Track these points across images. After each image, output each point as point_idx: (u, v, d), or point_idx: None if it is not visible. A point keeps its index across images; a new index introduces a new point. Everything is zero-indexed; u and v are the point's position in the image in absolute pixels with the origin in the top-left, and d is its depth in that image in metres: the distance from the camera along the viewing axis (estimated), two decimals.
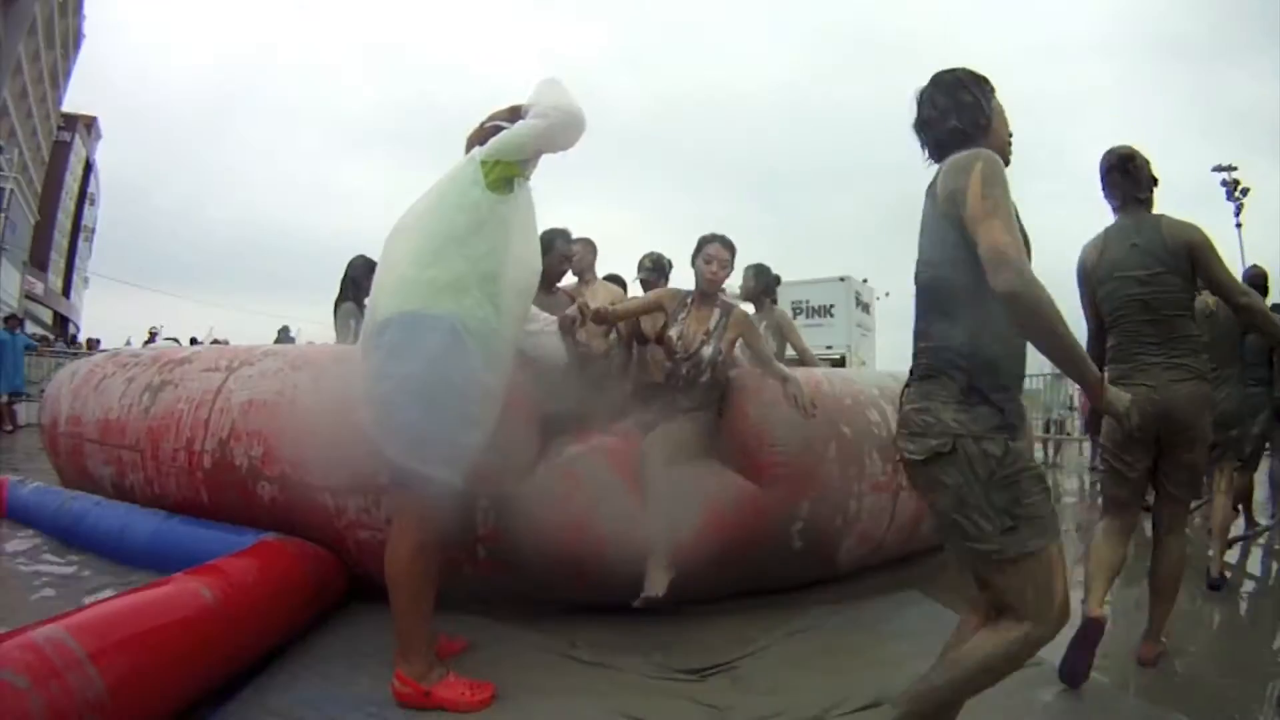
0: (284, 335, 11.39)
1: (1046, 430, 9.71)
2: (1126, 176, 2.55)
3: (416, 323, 2.08)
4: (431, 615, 2.13)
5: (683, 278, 3.65)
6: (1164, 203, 2.55)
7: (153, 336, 14.39)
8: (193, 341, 12.51)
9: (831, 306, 15.58)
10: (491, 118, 2.38)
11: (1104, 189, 2.61)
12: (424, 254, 2.14)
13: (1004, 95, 1.70)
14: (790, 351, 4.54)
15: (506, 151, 2.24)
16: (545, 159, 2.39)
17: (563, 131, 2.30)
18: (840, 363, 13.25)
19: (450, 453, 2.06)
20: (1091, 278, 2.59)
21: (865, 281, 16.60)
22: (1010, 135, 1.73)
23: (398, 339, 2.08)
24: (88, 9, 38.36)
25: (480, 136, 2.36)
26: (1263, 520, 5.10)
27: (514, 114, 2.36)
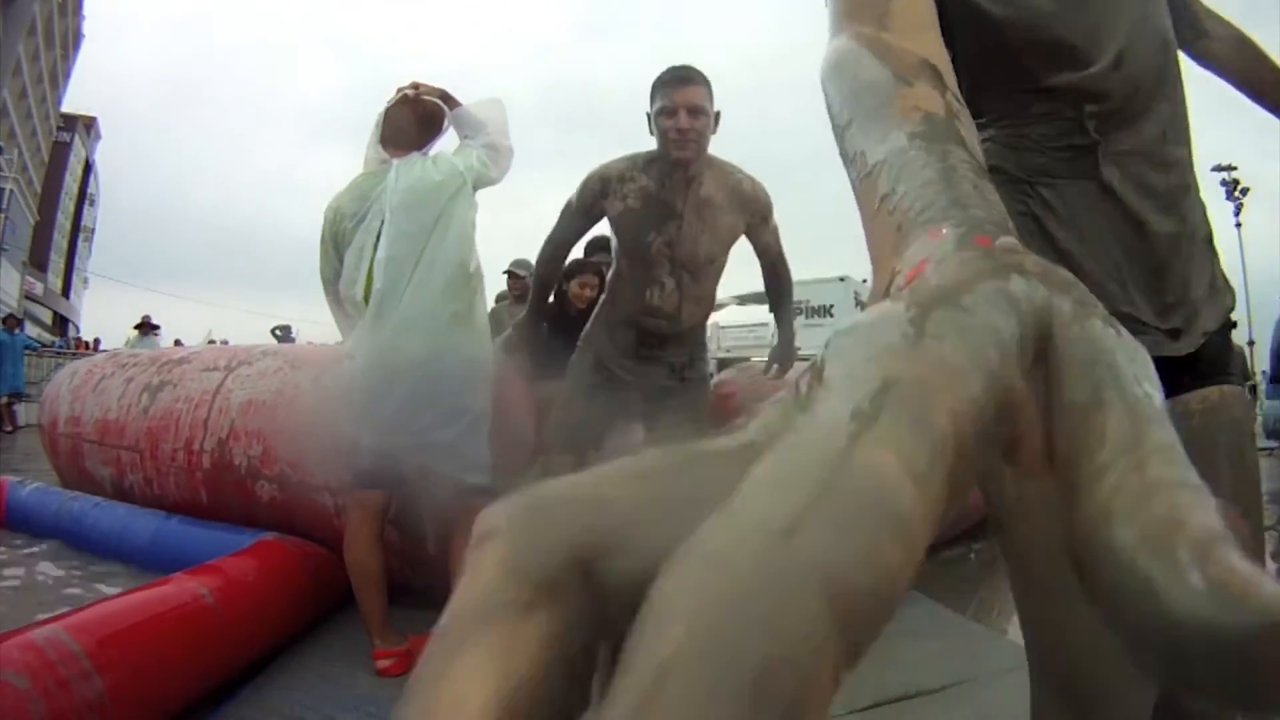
0: (285, 335, 11.33)
1: None
2: None
3: (452, 363, 2.19)
4: None
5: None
6: None
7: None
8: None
9: (831, 307, 15.64)
10: (424, 91, 2.36)
11: None
12: (449, 288, 2.21)
13: None
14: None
15: (479, 185, 2.32)
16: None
17: (505, 168, 2.40)
18: None
19: (486, 459, 2.24)
20: None
21: (865, 282, 16.64)
22: None
23: (440, 379, 2.16)
24: (87, 8, 38.43)
25: (424, 113, 2.37)
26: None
27: (445, 98, 2.37)
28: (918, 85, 0.46)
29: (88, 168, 44.34)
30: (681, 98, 2.18)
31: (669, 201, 2.27)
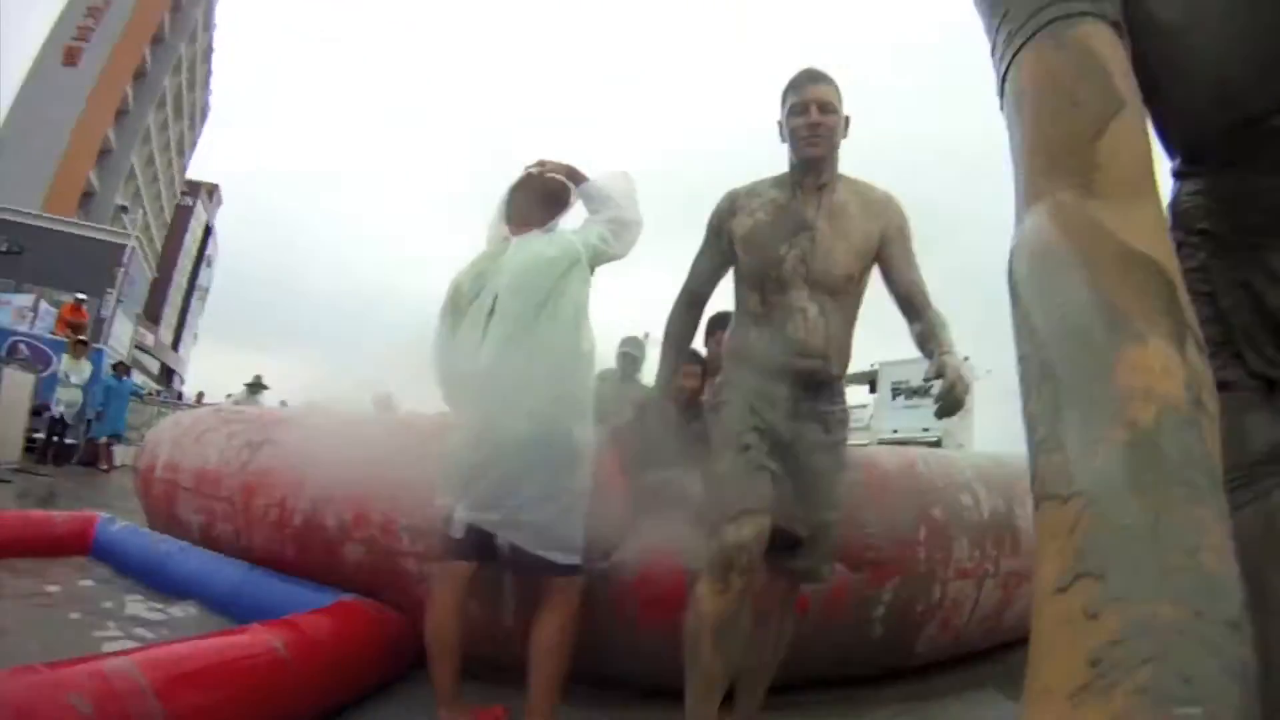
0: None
1: None
2: None
3: (555, 444, 2.16)
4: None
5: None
6: None
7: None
8: None
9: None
10: (549, 168, 2.40)
11: None
12: (558, 369, 2.20)
13: None
14: None
15: (598, 262, 2.33)
16: None
17: (632, 241, 2.39)
18: (937, 445, 12.87)
19: (579, 540, 2.22)
20: None
21: (966, 359, 16.25)
22: None
23: (541, 459, 2.14)
24: (214, 83, 41.57)
25: (547, 190, 2.40)
26: None
27: (571, 174, 2.39)
28: (1152, 341, 0.37)
29: (208, 231, 47.16)
30: (813, 94, 2.09)
31: (800, 211, 2.11)
